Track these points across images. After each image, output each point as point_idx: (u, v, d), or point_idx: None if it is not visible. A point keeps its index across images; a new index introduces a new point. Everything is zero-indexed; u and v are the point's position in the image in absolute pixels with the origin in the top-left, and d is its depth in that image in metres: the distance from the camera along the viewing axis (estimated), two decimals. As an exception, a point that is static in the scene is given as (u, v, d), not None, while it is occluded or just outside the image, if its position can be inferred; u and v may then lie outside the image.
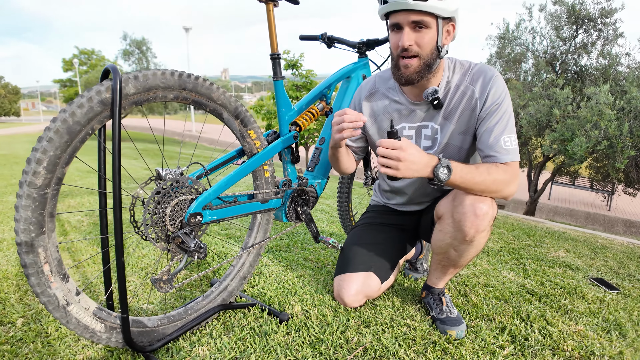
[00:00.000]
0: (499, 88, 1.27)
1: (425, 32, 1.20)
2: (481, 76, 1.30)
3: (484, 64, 1.34)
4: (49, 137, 0.87)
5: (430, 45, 1.22)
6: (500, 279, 1.89)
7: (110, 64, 0.97)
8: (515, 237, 2.89)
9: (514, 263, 2.20)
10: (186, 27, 22.89)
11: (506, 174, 1.22)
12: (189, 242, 1.10)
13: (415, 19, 1.19)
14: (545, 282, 1.89)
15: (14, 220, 0.87)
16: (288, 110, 1.50)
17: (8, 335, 1.17)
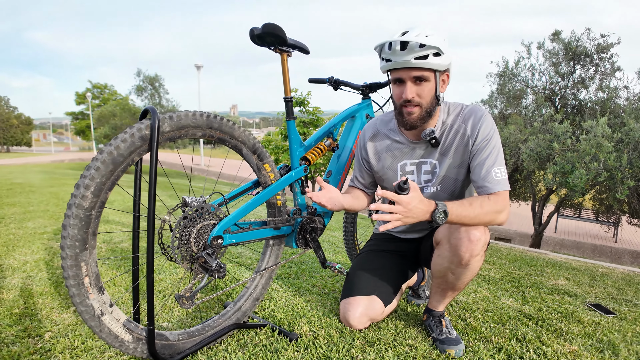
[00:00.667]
0: (487, 125, 1.42)
1: (426, 85, 1.37)
2: (472, 116, 1.46)
3: (474, 105, 1.51)
4: (97, 166, 1.02)
5: (430, 95, 1.39)
6: (499, 305, 1.96)
7: (150, 106, 1.13)
8: (517, 267, 2.96)
9: (514, 291, 2.27)
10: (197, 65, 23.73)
11: (497, 204, 1.34)
12: (211, 262, 1.21)
13: (416, 75, 1.35)
14: (543, 307, 1.96)
15: (61, 237, 1.00)
16: (299, 147, 1.65)
17: (37, 346, 1.27)
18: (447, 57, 1.34)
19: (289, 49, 1.52)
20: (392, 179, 1.62)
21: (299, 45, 1.56)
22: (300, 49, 1.59)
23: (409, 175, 1.59)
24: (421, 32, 1.30)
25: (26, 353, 1.22)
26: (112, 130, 19.64)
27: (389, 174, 1.62)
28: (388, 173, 1.62)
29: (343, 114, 1.98)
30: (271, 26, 1.40)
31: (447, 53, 1.33)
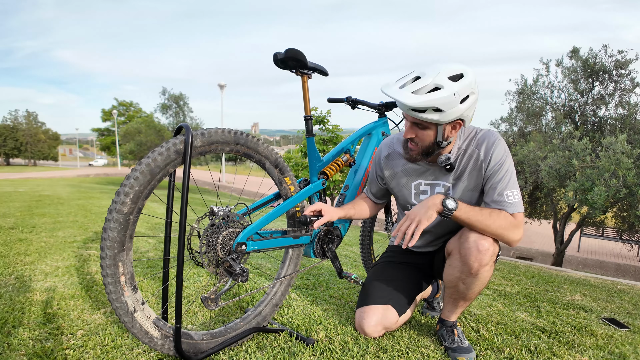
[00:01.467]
0: (500, 150, 1.47)
1: (424, 131, 1.42)
2: (485, 141, 1.50)
3: (488, 129, 1.55)
4: (136, 176, 1.13)
5: (428, 141, 1.44)
6: (513, 318, 1.98)
7: (184, 123, 1.25)
8: (534, 283, 2.94)
9: (529, 305, 2.27)
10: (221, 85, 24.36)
11: (506, 221, 1.39)
12: (235, 266, 1.30)
13: (414, 122, 1.41)
14: (557, 321, 1.97)
15: (102, 239, 1.10)
16: (318, 162, 1.75)
17: (69, 343, 1.37)
18: (454, 111, 1.32)
19: (309, 71, 1.64)
20: (407, 196, 1.68)
21: (319, 68, 1.68)
22: (319, 72, 1.70)
23: (422, 195, 1.64)
24: (425, 85, 1.30)
25: (59, 348, 1.32)
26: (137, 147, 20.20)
27: (404, 192, 1.68)
28: (403, 191, 1.68)
29: (360, 131, 2.07)
30: (293, 51, 1.51)
31: (453, 108, 1.31)
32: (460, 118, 1.38)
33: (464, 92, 1.32)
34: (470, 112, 1.40)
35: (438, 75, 1.31)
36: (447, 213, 1.37)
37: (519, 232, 1.41)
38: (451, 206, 1.36)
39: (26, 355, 1.25)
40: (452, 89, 1.30)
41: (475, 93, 1.37)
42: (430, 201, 1.39)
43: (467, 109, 1.36)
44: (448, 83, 1.30)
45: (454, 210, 1.37)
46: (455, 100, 1.31)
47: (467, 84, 1.33)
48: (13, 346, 1.31)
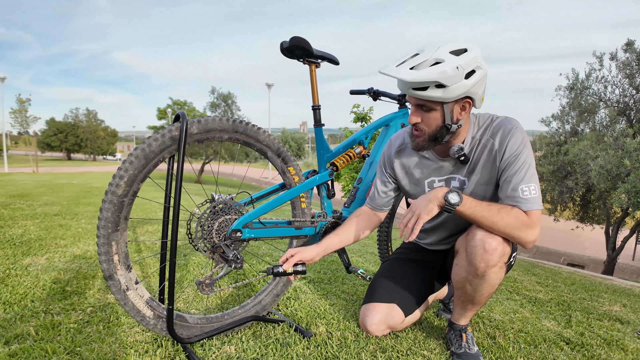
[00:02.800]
0: (517, 139, 1.32)
1: (430, 114, 1.29)
2: (501, 129, 1.36)
3: (505, 117, 1.40)
4: (131, 160, 1.16)
5: (435, 124, 1.31)
6: (537, 326, 1.83)
7: (181, 111, 1.26)
8: (571, 291, 2.72)
9: (559, 314, 2.09)
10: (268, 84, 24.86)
11: (517, 220, 1.24)
12: (228, 252, 1.30)
13: (418, 103, 1.30)
14: (586, 332, 1.80)
15: (98, 219, 1.14)
16: (326, 152, 1.71)
17: (78, 318, 1.44)
18: (457, 86, 1.21)
19: (316, 60, 1.60)
20: (420, 194, 1.53)
21: (328, 57, 1.64)
22: (329, 60, 1.67)
23: None
24: (425, 60, 1.21)
25: (67, 322, 1.39)
26: None
27: (417, 191, 1.55)
28: (415, 189, 1.56)
29: (376, 122, 2.01)
30: (298, 39, 1.49)
31: (458, 83, 1.21)
32: (468, 96, 1.26)
33: (469, 66, 1.21)
34: (479, 90, 1.27)
35: (438, 50, 1.22)
36: (448, 208, 1.27)
37: (532, 232, 1.26)
38: (453, 200, 1.26)
39: (34, 327, 1.33)
40: (454, 62, 1.19)
41: (483, 69, 1.25)
42: (432, 194, 1.30)
43: (475, 85, 1.24)
44: (450, 57, 1.20)
45: (456, 205, 1.26)
46: (459, 74, 1.20)
47: (472, 57, 1.22)
48: (25, 317, 1.40)
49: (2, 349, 1.17)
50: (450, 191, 1.27)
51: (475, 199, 1.40)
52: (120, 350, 1.22)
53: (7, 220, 3.18)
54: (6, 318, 1.37)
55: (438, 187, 1.32)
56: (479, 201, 1.29)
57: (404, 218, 1.32)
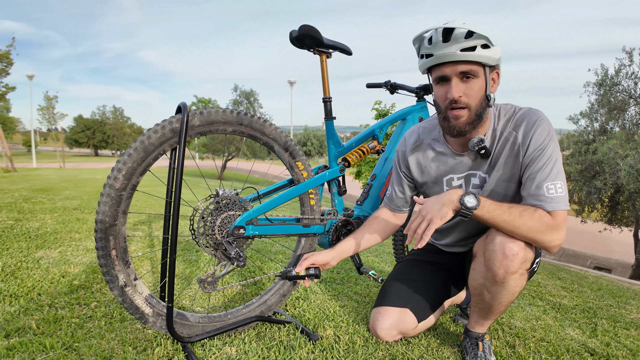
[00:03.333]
0: (542, 133, 1.21)
1: (474, 82, 1.19)
2: (524, 121, 1.25)
3: (530, 108, 1.29)
4: (129, 153, 1.12)
5: (480, 94, 1.21)
6: (560, 335, 1.71)
7: (182, 102, 1.21)
8: (598, 297, 2.56)
9: (584, 322, 1.96)
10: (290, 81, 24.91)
11: (541, 223, 1.14)
12: (230, 250, 1.25)
13: (463, 70, 1.18)
14: (612, 342, 1.67)
15: (96, 212, 1.11)
16: (337, 147, 1.64)
17: (81, 312, 1.43)
18: (497, 50, 1.18)
19: (327, 50, 1.53)
20: (439, 193, 1.40)
21: (339, 46, 1.56)
22: (341, 50, 1.59)
23: None
24: (465, 22, 1.16)
25: (69, 316, 1.37)
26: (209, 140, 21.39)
27: (435, 189, 1.45)
28: (433, 188, 1.46)
29: (392, 116, 1.92)
30: (307, 28, 1.42)
31: (496, 45, 1.17)
32: (498, 66, 1.23)
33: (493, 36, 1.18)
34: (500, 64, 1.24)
35: (465, 23, 1.16)
36: (465, 212, 1.16)
37: (557, 235, 1.15)
38: (470, 204, 1.15)
39: (36, 320, 1.31)
40: (484, 27, 1.16)
41: None
42: (446, 197, 1.19)
43: (500, 58, 1.21)
44: (477, 25, 1.16)
45: (474, 209, 1.16)
46: (493, 38, 1.16)
47: None
48: (29, 311, 1.39)
49: (2, 342, 1.15)
50: (467, 193, 1.17)
51: (496, 197, 1.32)
52: (119, 348, 1.19)
53: (27, 214, 3.24)
54: (10, 311, 1.36)
55: (453, 189, 1.21)
56: (499, 203, 1.18)
57: (412, 222, 1.22)
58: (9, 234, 2.48)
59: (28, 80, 20.42)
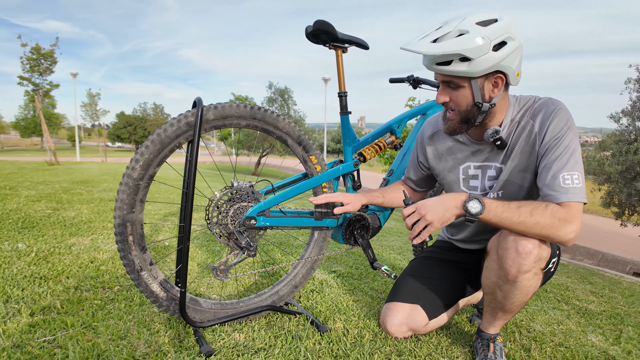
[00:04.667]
0: (560, 122, 1.18)
1: (459, 91, 1.19)
2: (542, 110, 1.23)
3: (549, 97, 1.26)
4: (147, 145, 1.18)
5: (465, 102, 1.21)
6: (581, 341, 1.65)
7: (198, 97, 1.26)
8: (628, 303, 2.44)
9: (610, 328, 1.88)
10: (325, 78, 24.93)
11: (553, 218, 1.10)
12: (241, 239, 1.29)
13: (444, 80, 1.20)
14: (634, 351, 1.59)
15: (115, 200, 1.18)
16: (352, 142, 1.65)
17: (104, 295, 1.51)
18: (485, 59, 1.10)
19: (343, 44, 1.54)
20: (454, 183, 1.46)
21: (355, 41, 1.57)
22: (357, 44, 1.59)
23: (472, 180, 1.41)
24: (449, 32, 1.11)
25: (93, 298, 1.46)
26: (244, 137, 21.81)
27: (451, 177, 1.46)
28: (450, 177, 1.47)
29: (411, 111, 1.90)
30: (321, 23, 1.44)
31: (484, 55, 1.10)
32: (498, 70, 1.15)
33: (498, 37, 1.10)
34: (513, 64, 1.14)
35: (464, 21, 1.11)
36: (470, 218, 1.15)
37: (571, 227, 1.10)
38: (474, 210, 1.14)
39: (61, 301, 1.41)
40: (480, 33, 1.09)
41: (516, 40, 1.12)
42: (450, 201, 1.18)
43: (505, 57, 1.12)
44: (475, 27, 1.09)
45: (478, 215, 1.14)
46: (486, 45, 1.09)
47: (501, 27, 1.10)
48: (56, 292, 1.49)
49: (26, 319, 1.25)
50: (470, 198, 1.15)
51: (512, 188, 1.31)
52: (134, 328, 1.26)
53: (65, 204, 3.45)
54: (38, 292, 1.46)
55: (456, 193, 1.20)
56: (507, 204, 1.15)
57: (410, 217, 1.21)
58: (45, 222, 2.65)
59: (72, 78, 21.57)
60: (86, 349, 1.11)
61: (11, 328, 1.19)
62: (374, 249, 2.99)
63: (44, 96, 14.58)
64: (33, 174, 6.36)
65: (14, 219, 2.62)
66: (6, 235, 2.22)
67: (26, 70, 13.30)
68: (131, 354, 1.12)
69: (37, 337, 1.15)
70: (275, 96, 23.38)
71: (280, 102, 23.33)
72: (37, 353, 1.07)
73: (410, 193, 1.66)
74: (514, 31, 1.12)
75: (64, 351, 1.09)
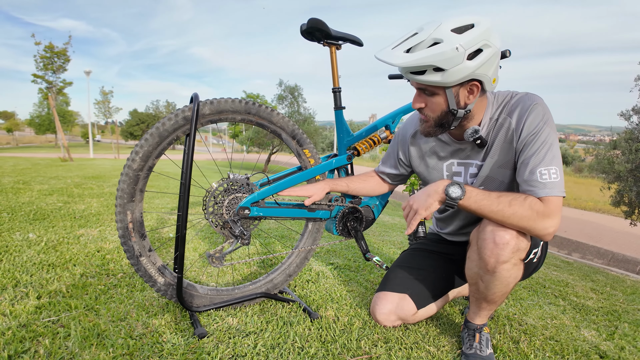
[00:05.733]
0: (536, 117, 1.20)
1: (433, 98, 1.21)
2: (519, 106, 1.24)
3: (527, 93, 1.28)
4: (146, 138, 1.24)
5: (440, 110, 1.23)
6: (573, 335, 1.67)
7: (194, 93, 1.32)
8: (629, 301, 2.44)
9: (605, 324, 1.89)
10: None
11: (531, 211, 1.12)
12: (234, 228, 1.35)
13: (418, 87, 1.23)
14: (627, 347, 1.60)
15: (116, 190, 1.24)
16: (346, 136, 1.69)
17: (108, 281, 1.59)
18: (459, 70, 1.11)
19: (337, 41, 1.59)
20: (438, 179, 1.46)
21: (349, 38, 1.61)
22: (351, 41, 1.64)
23: (455, 177, 1.44)
24: (423, 41, 1.11)
25: (97, 284, 1.54)
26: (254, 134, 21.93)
27: (434, 175, 1.49)
28: (433, 174, 1.49)
29: (406, 106, 1.93)
30: (314, 21, 1.49)
31: (458, 65, 1.10)
32: (474, 79, 1.15)
33: (473, 45, 1.09)
34: (489, 71, 1.14)
35: (438, 29, 1.10)
36: (450, 202, 1.18)
37: (550, 222, 1.13)
38: (454, 194, 1.17)
39: (67, 286, 1.49)
40: (453, 42, 1.08)
41: (492, 46, 1.12)
42: (432, 187, 1.22)
43: (480, 66, 1.11)
44: (450, 36, 1.09)
45: (458, 199, 1.17)
46: (459, 55, 1.08)
47: (477, 35, 1.09)
48: (62, 278, 1.57)
49: (33, 302, 1.33)
50: (452, 184, 1.19)
51: (492, 184, 1.34)
52: (133, 311, 1.33)
53: (75, 198, 3.56)
54: (46, 277, 1.55)
55: (440, 180, 1.23)
56: (487, 193, 1.19)
57: (404, 211, 1.29)
58: (56, 214, 2.75)
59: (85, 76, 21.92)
60: (87, 328, 1.19)
61: (18, 309, 1.27)
62: (375, 244, 3.04)
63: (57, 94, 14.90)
64: (46, 170, 6.54)
65: (26, 211, 2.73)
66: (18, 226, 2.32)
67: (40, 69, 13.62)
68: (129, 333, 1.19)
69: (42, 317, 1.23)
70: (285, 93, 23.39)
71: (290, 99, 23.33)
72: (42, 331, 1.15)
73: (378, 182, 1.69)
74: (491, 37, 1.12)
75: (67, 330, 1.17)
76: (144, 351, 1.11)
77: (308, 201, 1.49)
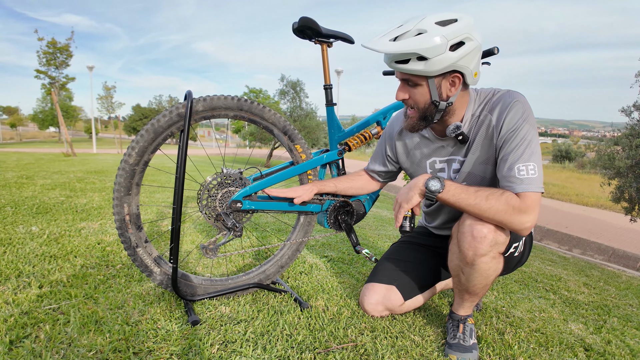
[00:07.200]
0: (516, 114, 1.23)
1: (417, 89, 1.25)
2: (499, 103, 1.27)
3: (508, 90, 1.31)
4: (142, 134, 1.29)
5: (423, 101, 1.26)
6: (559, 328, 1.71)
7: (188, 90, 1.37)
8: (620, 296, 2.48)
9: (593, 319, 1.93)
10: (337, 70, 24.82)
11: (507, 205, 1.16)
12: (227, 221, 1.40)
13: (402, 78, 1.26)
14: (614, 341, 1.64)
15: (114, 183, 1.30)
16: (338, 132, 1.73)
17: (107, 272, 1.65)
18: (442, 59, 1.15)
19: (328, 39, 1.63)
20: None
21: (340, 36, 1.65)
22: (342, 39, 1.68)
23: (439, 173, 1.48)
24: (408, 31, 1.16)
25: (96, 274, 1.60)
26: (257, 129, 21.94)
27: (419, 171, 1.53)
28: (418, 171, 1.54)
29: (399, 102, 1.97)
30: (305, 19, 1.53)
31: (441, 55, 1.14)
32: (455, 70, 1.19)
33: (455, 37, 1.14)
34: (470, 64, 1.19)
35: (423, 21, 1.15)
36: (429, 195, 1.23)
37: (526, 217, 1.16)
38: (434, 187, 1.22)
39: (68, 276, 1.55)
40: (437, 33, 1.13)
41: (474, 40, 1.16)
42: (414, 181, 1.28)
43: (462, 58, 1.16)
44: (434, 27, 1.13)
45: (437, 192, 1.22)
46: (442, 45, 1.13)
47: (460, 28, 1.14)
48: (64, 269, 1.63)
49: (35, 291, 1.39)
50: (432, 177, 1.24)
51: (474, 179, 1.38)
52: (130, 300, 1.39)
53: (77, 192, 3.63)
54: (47, 268, 1.61)
55: (421, 175, 1.29)
56: (465, 187, 1.23)
57: (394, 207, 1.36)
58: (58, 208, 2.82)
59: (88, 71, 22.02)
60: (86, 315, 1.25)
61: (21, 298, 1.33)
62: (371, 238, 3.09)
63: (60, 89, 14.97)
64: (49, 165, 6.63)
65: (29, 205, 2.80)
66: (21, 220, 2.39)
67: (43, 64, 13.69)
68: (125, 320, 1.25)
69: (43, 305, 1.29)
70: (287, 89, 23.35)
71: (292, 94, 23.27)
72: (42, 318, 1.21)
73: (367, 180, 1.73)
74: (473, 32, 1.17)
75: (66, 317, 1.23)
76: (139, 337, 1.17)
77: (296, 201, 1.52)
